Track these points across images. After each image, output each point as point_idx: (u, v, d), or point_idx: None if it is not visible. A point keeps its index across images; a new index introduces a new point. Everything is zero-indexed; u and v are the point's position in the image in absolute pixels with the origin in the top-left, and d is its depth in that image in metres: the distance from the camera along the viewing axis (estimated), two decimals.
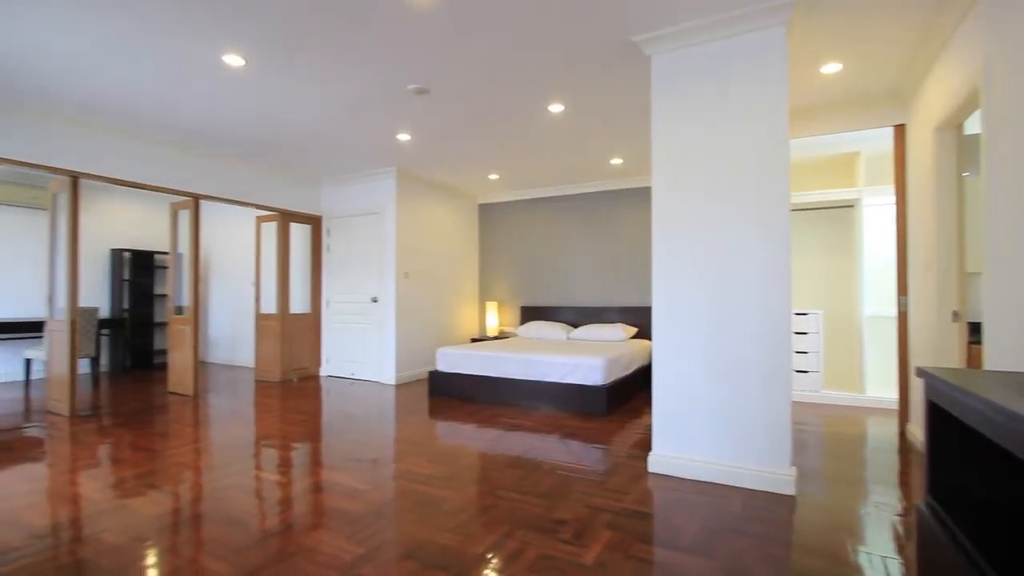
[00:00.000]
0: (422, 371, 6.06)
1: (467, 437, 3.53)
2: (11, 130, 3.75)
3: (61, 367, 4.29)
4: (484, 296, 7.18)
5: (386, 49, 2.95)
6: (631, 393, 4.85)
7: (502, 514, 2.28)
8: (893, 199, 4.14)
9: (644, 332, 5.96)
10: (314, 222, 6.27)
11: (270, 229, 6.17)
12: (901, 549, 1.97)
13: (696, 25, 2.67)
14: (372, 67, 3.17)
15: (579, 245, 6.44)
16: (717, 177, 2.69)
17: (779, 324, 2.54)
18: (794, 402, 4.55)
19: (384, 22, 2.66)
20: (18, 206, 5.82)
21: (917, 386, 3.43)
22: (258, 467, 2.93)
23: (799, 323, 4.64)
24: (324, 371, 6.27)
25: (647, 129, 4.29)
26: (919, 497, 2.49)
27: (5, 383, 5.68)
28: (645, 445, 3.30)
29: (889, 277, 4.59)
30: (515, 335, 6.66)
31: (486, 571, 1.81)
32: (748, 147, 2.62)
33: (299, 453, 3.19)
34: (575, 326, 6.34)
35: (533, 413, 4.25)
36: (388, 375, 5.69)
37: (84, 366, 6.40)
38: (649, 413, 4.21)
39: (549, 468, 2.89)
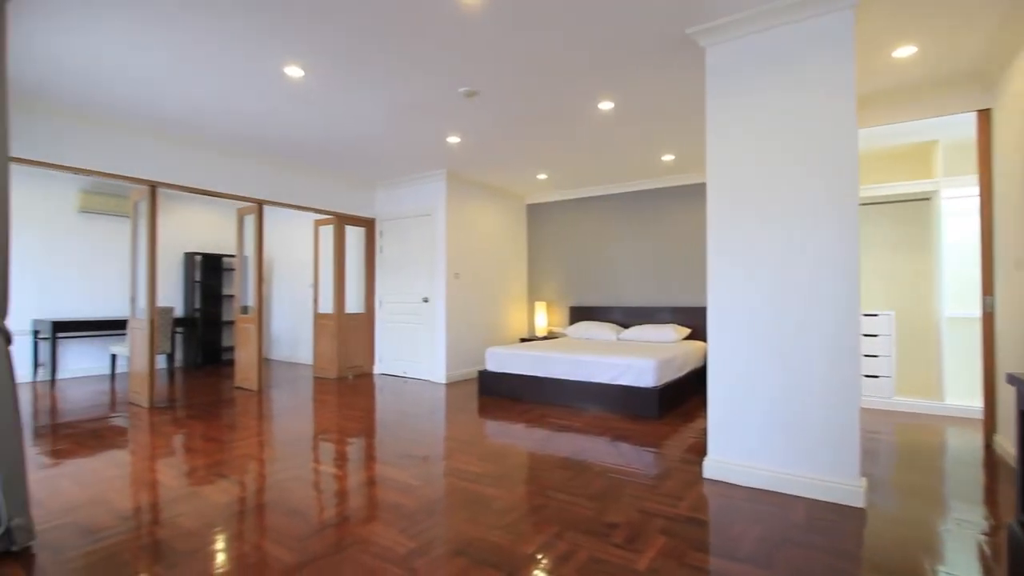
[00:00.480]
0: (471, 370, 6.13)
1: (516, 437, 3.54)
2: (97, 144, 4.09)
3: (141, 362, 4.64)
4: (533, 296, 7.19)
5: (437, 54, 3.00)
6: (684, 396, 4.71)
7: (552, 515, 2.27)
8: (976, 191, 3.81)
9: (698, 333, 5.77)
10: (368, 225, 6.48)
11: (327, 232, 6.43)
12: (988, 572, 1.81)
13: (756, 13, 2.56)
14: (424, 72, 3.24)
15: (629, 244, 6.32)
16: (778, 171, 2.56)
17: (846, 326, 2.39)
18: (863, 409, 4.27)
19: (435, 27, 2.71)
20: (104, 214, 6.34)
21: (1007, 394, 3.14)
22: (316, 460, 3.05)
23: (868, 325, 4.36)
24: (377, 369, 6.46)
25: (701, 123, 4.15)
26: (1010, 515, 2.28)
27: (94, 376, 6.20)
28: (700, 450, 3.20)
29: (970, 275, 4.23)
30: (564, 335, 6.62)
31: (536, 571, 1.80)
32: (812, 138, 2.48)
33: (354, 448, 3.29)
34: (625, 326, 6.22)
35: (582, 414, 4.21)
36: (438, 374, 5.80)
37: (161, 361, 6.89)
38: (704, 417, 4.07)
39: (600, 470, 2.85)
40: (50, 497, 2.48)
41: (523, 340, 6.58)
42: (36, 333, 5.81)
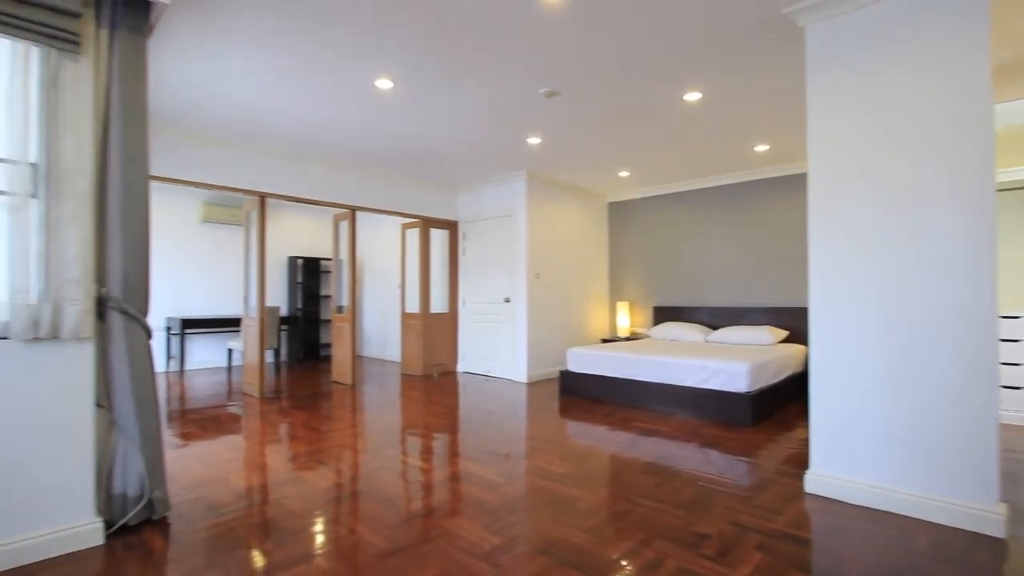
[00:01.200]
0: (552, 370, 6.12)
1: (599, 438, 3.47)
2: (216, 161, 4.56)
3: (253, 356, 5.11)
4: (615, 296, 7.03)
5: (519, 57, 3.02)
6: (781, 403, 4.38)
7: (638, 520, 2.20)
8: None
9: (797, 335, 5.34)
10: (451, 227, 6.68)
11: (413, 235, 6.72)
12: None
13: None
14: (505, 76, 3.28)
15: (718, 241, 5.99)
16: (891, 156, 2.30)
17: (980, 329, 2.09)
18: (1003, 425, 3.73)
19: (518, 30, 2.73)
20: (223, 223, 7.07)
21: None
22: (404, 453, 3.18)
23: (1007, 328, 3.80)
24: (460, 367, 6.64)
25: (798, 110, 3.84)
26: None
27: (214, 368, 6.93)
28: (800, 462, 2.95)
29: None
30: (647, 336, 6.41)
31: None
32: (933, 118, 2.20)
33: (439, 443, 3.40)
34: (714, 328, 5.91)
35: (668, 418, 4.05)
36: (520, 373, 5.84)
37: (268, 356, 7.56)
38: (804, 426, 3.76)
39: (688, 477, 2.72)
40: (181, 474, 2.80)
41: (604, 341, 6.45)
42: (168, 329, 6.61)
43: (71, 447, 1.96)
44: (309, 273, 7.91)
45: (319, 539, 2.05)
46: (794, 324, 5.35)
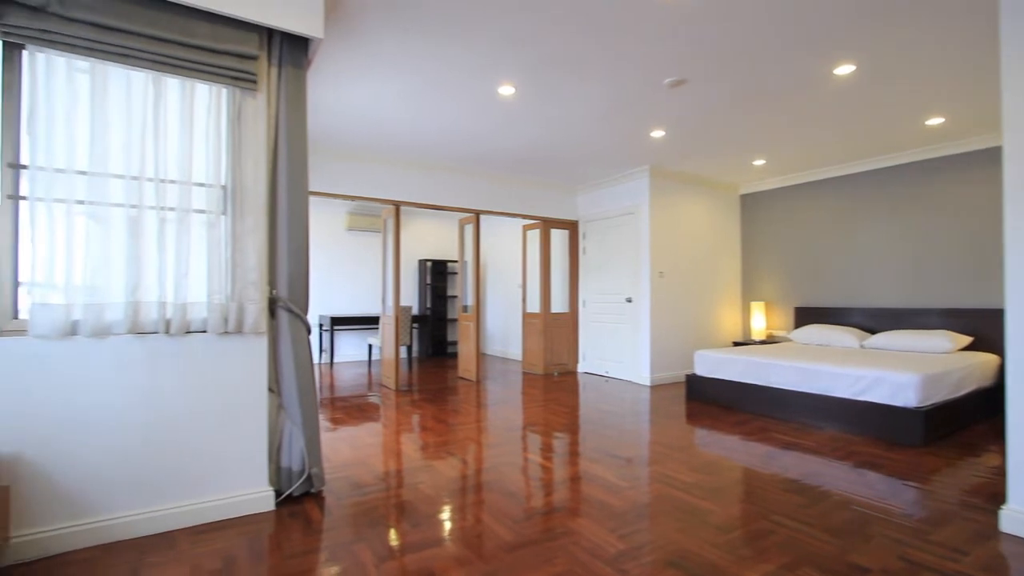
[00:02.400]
0: (678, 373, 5.83)
1: (731, 449, 3.23)
2: (358, 175, 5.07)
3: (389, 352, 5.58)
4: (748, 296, 6.49)
5: (641, 47, 2.93)
6: (963, 421, 3.70)
7: (780, 542, 2.00)
8: None
9: (986, 342, 4.47)
10: (571, 227, 6.68)
11: (534, 236, 6.84)
12: None
13: None
14: (627, 69, 3.19)
15: (876, 232, 5.24)
16: None
17: None
18: None
19: (641, 19, 2.65)
20: (364, 231, 7.83)
21: None
22: (526, 449, 3.25)
23: None
24: (581, 367, 6.61)
25: (984, 74, 3.20)
26: None
27: (356, 361, 7.70)
28: (990, 494, 2.46)
29: None
30: (788, 340, 5.82)
31: None
32: None
33: (560, 442, 3.42)
34: (871, 331, 5.17)
35: (813, 432, 3.63)
36: (642, 375, 5.65)
37: (402, 352, 8.21)
38: (996, 451, 3.13)
39: (840, 500, 2.41)
40: (332, 454, 3.15)
41: (736, 344, 5.99)
42: (320, 326, 7.48)
43: (252, 424, 2.31)
44: (437, 275, 8.44)
45: (449, 525, 2.17)
46: (981, 329, 4.49)
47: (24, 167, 1.94)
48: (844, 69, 3.18)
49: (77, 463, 1.97)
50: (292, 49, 2.37)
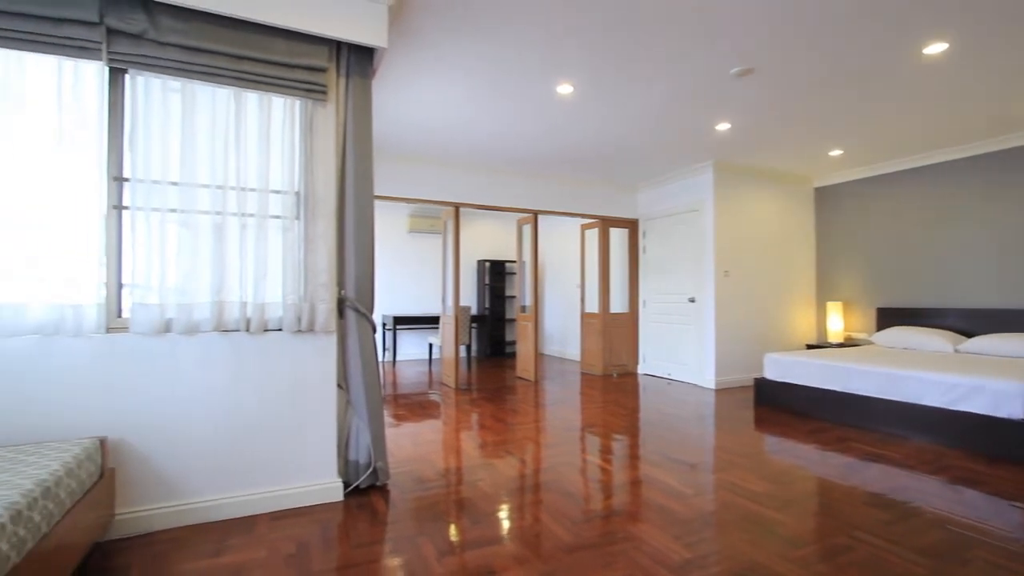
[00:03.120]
0: (745, 377, 5.56)
1: (805, 458, 3.05)
2: (419, 179, 5.22)
3: (449, 351, 5.70)
4: (823, 295, 6.10)
5: (705, 38, 2.82)
6: None
7: (862, 561, 1.86)
8: None
9: None
10: (631, 225, 6.55)
11: (592, 235, 6.76)
12: None
13: None
14: (690, 62, 3.09)
15: (972, 225, 4.76)
16: None
17: None
18: None
19: (702, 9, 2.55)
20: (425, 233, 8.05)
21: None
22: (585, 450, 3.22)
23: None
24: (641, 369, 6.46)
25: None
26: None
27: (417, 360, 7.92)
28: None
29: None
30: (869, 343, 5.41)
31: None
32: None
33: (620, 444, 3.35)
34: (967, 335, 4.71)
35: (899, 443, 3.35)
36: (706, 378, 5.45)
37: (461, 351, 8.35)
38: None
39: (933, 519, 2.22)
40: (395, 450, 3.26)
41: (810, 347, 5.64)
42: (383, 325, 7.76)
43: (323, 418, 2.43)
44: (495, 275, 8.52)
45: (508, 523, 2.19)
46: None
47: (126, 180, 2.14)
48: (935, 48, 2.92)
49: (171, 449, 2.16)
50: (359, 59, 2.47)
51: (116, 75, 2.14)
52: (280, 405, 2.35)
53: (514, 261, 8.71)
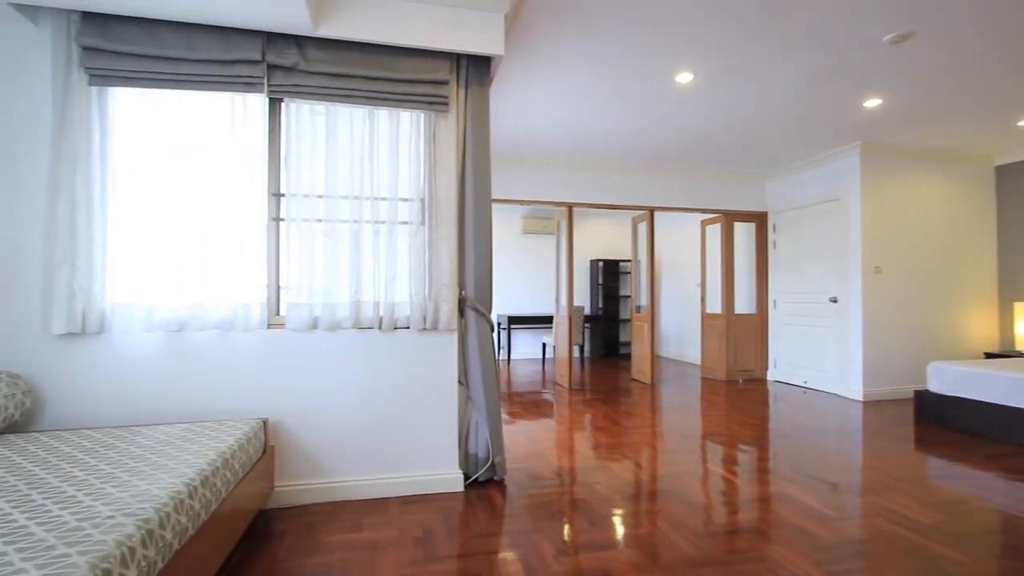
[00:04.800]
0: (901, 388, 4.84)
1: (984, 487, 2.57)
2: (532, 180, 5.29)
3: (563, 350, 5.71)
4: (1008, 295, 5.10)
5: (849, 6, 2.51)
6: None
7: None
8: None
9: None
10: (758, 219, 6.04)
11: (713, 231, 6.35)
12: None
13: None
14: (830, 33, 2.77)
15: None
16: None
17: None
18: None
19: None
20: (538, 233, 8.16)
21: None
22: (707, 459, 3.03)
23: None
24: (771, 375, 5.93)
25: None
26: None
27: (531, 359, 8.05)
28: None
29: None
30: None
31: None
32: None
33: (747, 456, 3.11)
34: None
35: None
36: (852, 388, 4.84)
37: (575, 351, 8.32)
38: None
39: None
40: (511, 447, 3.34)
41: (990, 356, 4.75)
42: (499, 324, 8.00)
43: (445, 411, 2.58)
44: (608, 274, 8.37)
45: (625, 529, 2.13)
46: None
47: (282, 195, 2.45)
48: None
49: (317, 432, 2.43)
50: (477, 69, 2.58)
51: (274, 104, 2.46)
52: (408, 397, 2.54)
53: (629, 260, 8.49)
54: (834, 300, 5.06)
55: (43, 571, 0.96)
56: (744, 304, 6.16)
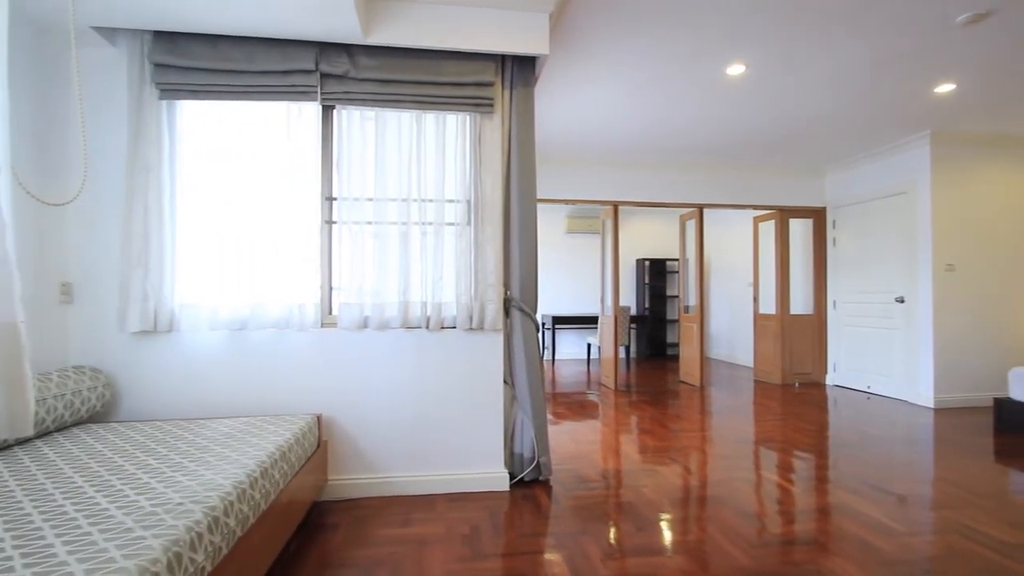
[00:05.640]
0: (977, 395, 4.49)
1: None
2: (577, 179, 5.25)
3: (608, 351, 5.64)
4: None
5: None
6: None
7: None
8: None
9: None
10: (816, 215, 5.75)
11: (767, 228, 6.09)
12: None
13: None
14: (895, 17, 2.60)
15: None
16: None
17: None
18: None
19: None
20: (582, 233, 8.09)
21: None
22: (760, 466, 2.91)
23: None
24: (830, 379, 5.63)
25: None
26: None
27: (575, 359, 7.98)
28: None
29: None
30: None
31: None
32: None
33: (804, 463, 2.96)
34: None
35: None
36: (921, 394, 4.53)
37: (620, 352, 8.20)
38: None
39: None
40: (556, 447, 3.33)
41: None
42: (543, 324, 7.98)
43: (491, 410, 2.60)
44: (655, 274, 8.20)
45: (675, 535, 2.08)
46: None
47: (334, 199, 2.54)
48: None
49: (368, 428, 2.50)
50: (521, 69, 2.59)
51: (326, 111, 2.55)
52: (454, 395, 2.57)
53: (676, 259, 8.29)
54: (901, 300, 4.75)
55: (122, 551, 1.03)
56: (800, 304, 5.88)
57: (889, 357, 4.89)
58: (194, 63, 2.27)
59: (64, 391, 2.02)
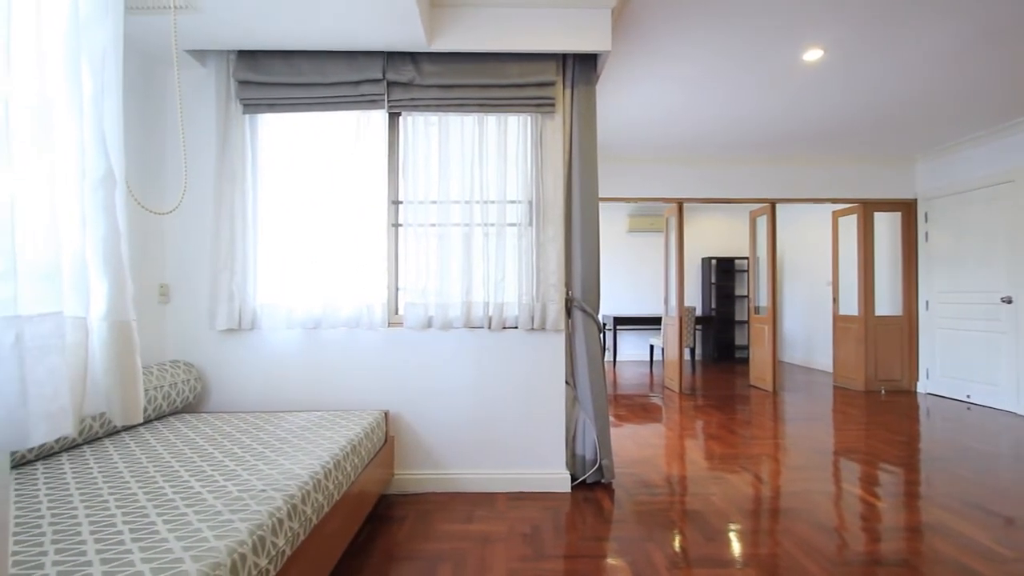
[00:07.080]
0: None
1: None
2: (638, 177, 5.13)
3: (672, 353, 5.47)
4: None
5: None
6: None
7: None
8: None
9: None
10: (904, 208, 5.29)
11: (847, 223, 5.67)
12: None
13: None
14: None
15: None
16: None
17: None
18: None
19: None
20: (644, 232, 7.89)
21: None
22: (840, 478, 2.71)
23: None
24: (922, 387, 5.16)
25: None
26: None
27: (638, 361, 7.80)
28: None
29: None
30: None
31: None
32: None
33: (892, 477, 2.73)
34: None
35: None
36: None
37: (685, 354, 7.92)
38: None
39: None
40: (619, 450, 3.27)
41: None
42: (604, 325, 7.86)
43: (553, 411, 2.59)
44: (722, 273, 7.86)
45: (746, 547, 1.98)
46: None
47: (400, 202, 2.63)
48: None
49: (432, 424, 2.57)
50: (583, 67, 2.56)
51: (392, 118, 2.65)
52: (516, 395, 2.59)
53: (745, 257, 7.90)
54: (1008, 301, 4.28)
55: (215, 532, 1.12)
56: (886, 305, 5.43)
57: (994, 364, 4.41)
58: (272, 78, 2.43)
59: (163, 383, 2.22)
